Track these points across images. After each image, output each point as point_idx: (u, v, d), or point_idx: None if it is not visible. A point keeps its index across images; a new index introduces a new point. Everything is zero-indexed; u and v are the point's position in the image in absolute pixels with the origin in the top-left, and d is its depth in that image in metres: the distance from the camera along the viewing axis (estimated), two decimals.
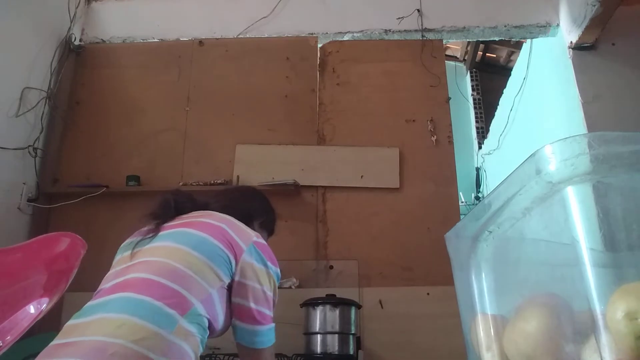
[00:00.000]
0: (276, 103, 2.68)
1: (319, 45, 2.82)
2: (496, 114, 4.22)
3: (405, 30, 2.81)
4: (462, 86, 4.95)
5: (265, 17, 2.84)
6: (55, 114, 2.64)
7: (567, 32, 2.66)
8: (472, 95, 5.03)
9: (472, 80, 5.07)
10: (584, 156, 0.42)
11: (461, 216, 2.48)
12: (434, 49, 2.76)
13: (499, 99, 4.12)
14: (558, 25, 2.77)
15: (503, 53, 4.85)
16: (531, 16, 2.80)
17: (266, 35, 2.85)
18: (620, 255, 0.42)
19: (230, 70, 2.76)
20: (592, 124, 2.45)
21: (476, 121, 4.91)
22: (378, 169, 2.52)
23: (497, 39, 2.96)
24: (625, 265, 0.42)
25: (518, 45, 4.03)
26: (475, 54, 4.88)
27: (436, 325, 2.20)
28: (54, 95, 2.63)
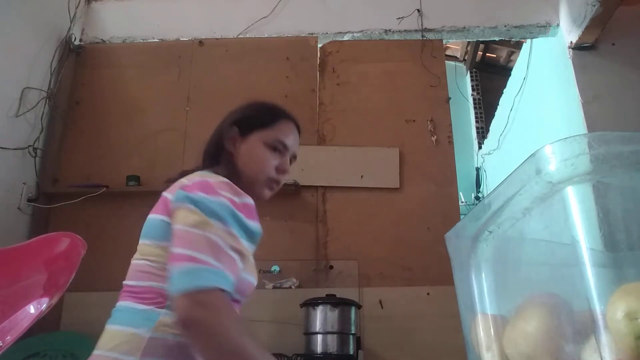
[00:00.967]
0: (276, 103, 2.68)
1: (319, 45, 2.82)
2: (496, 114, 4.21)
3: (405, 30, 2.81)
4: (462, 86, 4.95)
5: (265, 17, 2.84)
6: (55, 114, 2.64)
7: (567, 32, 2.66)
8: (472, 95, 5.03)
9: (472, 80, 5.07)
10: (584, 156, 0.42)
11: (461, 216, 2.48)
12: (434, 49, 2.76)
13: (499, 99, 4.12)
14: (558, 25, 2.77)
15: (503, 53, 4.85)
16: (531, 16, 2.80)
17: (266, 35, 2.85)
18: (620, 255, 0.42)
19: (230, 70, 2.76)
20: (592, 124, 2.45)
21: (476, 121, 4.91)
22: (378, 169, 2.52)
23: (497, 39, 2.96)
24: (625, 265, 0.42)
25: (518, 45, 4.03)
26: (475, 54, 4.88)
27: (436, 325, 2.20)
28: (54, 95, 2.63)
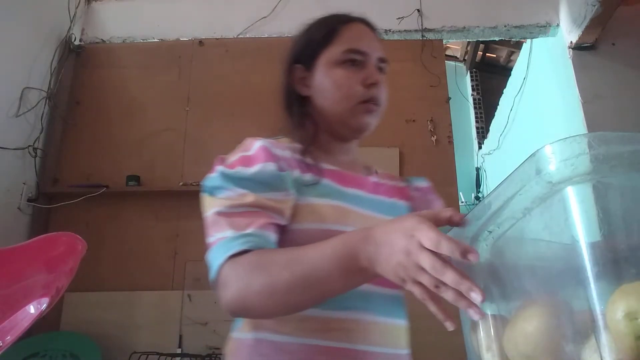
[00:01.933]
0: (276, 103, 2.68)
1: None
2: (496, 114, 4.21)
3: (405, 30, 2.81)
4: (462, 86, 4.95)
5: (265, 17, 2.84)
6: (55, 114, 2.64)
7: (567, 32, 2.66)
8: (472, 95, 5.03)
9: (472, 80, 5.06)
10: (584, 156, 0.42)
11: None
12: (434, 49, 2.76)
13: (499, 99, 4.12)
14: (558, 25, 2.77)
15: (503, 53, 4.85)
16: (531, 16, 2.80)
17: (266, 35, 2.85)
18: (620, 255, 0.42)
19: (230, 70, 2.76)
20: (592, 124, 2.45)
21: (476, 121, 4.91)
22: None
23: (497, 39, 2.96)
24: (625, 265, 0.42)
25: (518, 45, 4.03)
26: (475, 54, 4.88)
27: (436, 325, 2.19)
28: (54, 95, 2.63)
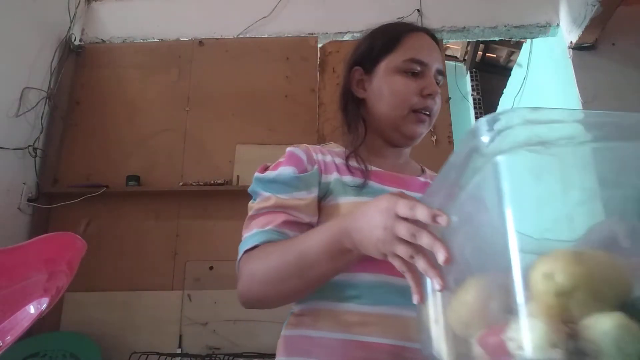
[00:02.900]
0: (276, 103, 2.68)
1: (319, 45, 2.81)
2: None
3: None
4: (462, 86, 4.95)
5: (265, 17, 2.84)
6: (55, 114, 2.64)
7: (567, 32, 2.66)
8: (472, 95, 5.02)
9: (472, 80, 5.06)
10: (517, 128, 0.43)
11: None
12: None
13: (499, 99, 4.12)
14: (558, 25, 2.77)
15: (503, 53, 4.84)
16: (531, 16, 2.80)
17: (266, 35, 2.85)
18: (543, 226, 0.45)
19: (230, 70, 2.76)
20: None
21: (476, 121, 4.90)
22: None
23: (497, 39, 2.96)
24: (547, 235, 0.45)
25: (518, 45, 4.02)
26: (475, 54, 4.87)
27: None
28: (54, 95, 2.63)
